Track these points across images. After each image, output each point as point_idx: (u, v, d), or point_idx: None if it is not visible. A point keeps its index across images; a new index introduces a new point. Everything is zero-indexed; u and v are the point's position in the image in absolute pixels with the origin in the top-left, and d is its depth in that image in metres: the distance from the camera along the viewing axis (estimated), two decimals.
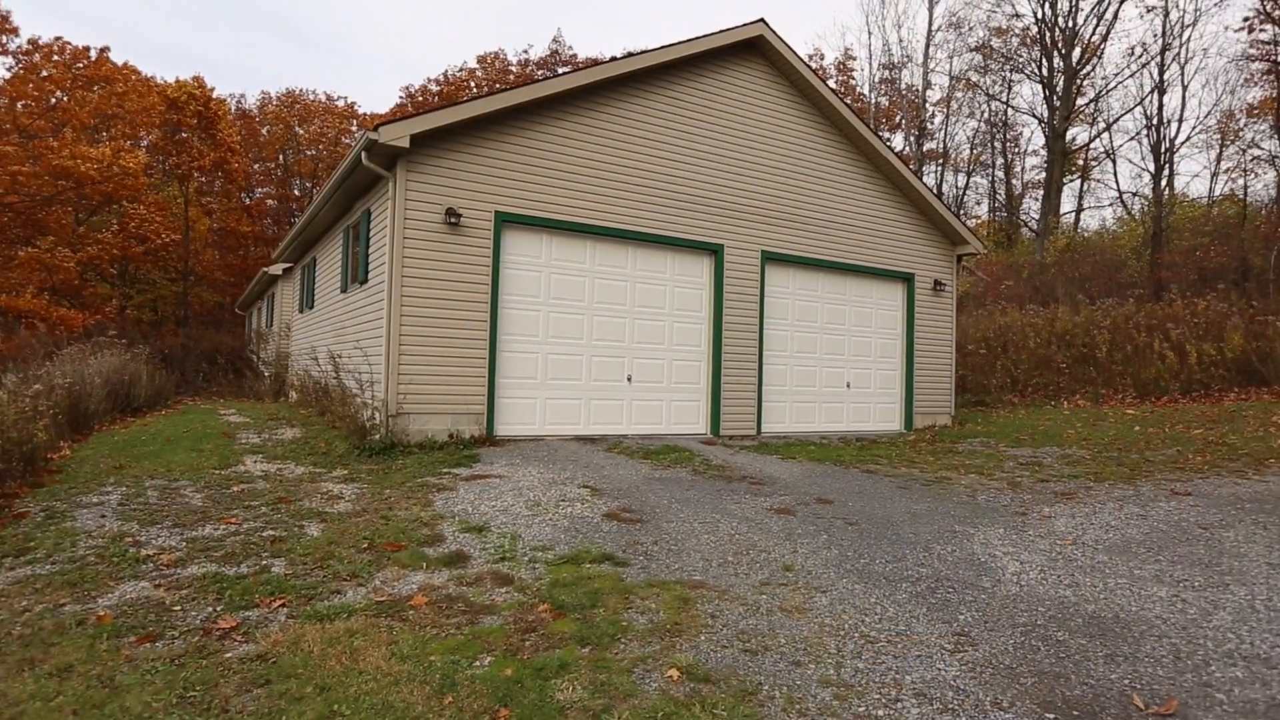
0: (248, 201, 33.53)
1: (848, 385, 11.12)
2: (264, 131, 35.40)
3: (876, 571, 4.22)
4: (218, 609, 3.42)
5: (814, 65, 34.77)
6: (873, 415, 11.39)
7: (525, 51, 37.94)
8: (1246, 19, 22.89)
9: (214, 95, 27.82)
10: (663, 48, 9.34)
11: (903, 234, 11.69)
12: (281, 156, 36.15)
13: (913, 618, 3.54)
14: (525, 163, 8.57)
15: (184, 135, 26.74)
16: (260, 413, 11.69)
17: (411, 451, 7.47)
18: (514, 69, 36.69)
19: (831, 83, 35.41)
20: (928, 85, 31.38)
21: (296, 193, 36.04)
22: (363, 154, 7.73)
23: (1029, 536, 5.00)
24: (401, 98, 36.50)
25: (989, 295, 22.27)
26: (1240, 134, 27.44)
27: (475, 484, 6.11)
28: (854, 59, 35.94)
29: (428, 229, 7.96)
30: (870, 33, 36.97)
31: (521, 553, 4.37)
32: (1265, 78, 24.66)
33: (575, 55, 37.10)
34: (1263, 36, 23.26)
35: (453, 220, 8.03)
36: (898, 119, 33.26)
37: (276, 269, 16.59)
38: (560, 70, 35.88)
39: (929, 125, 32.73)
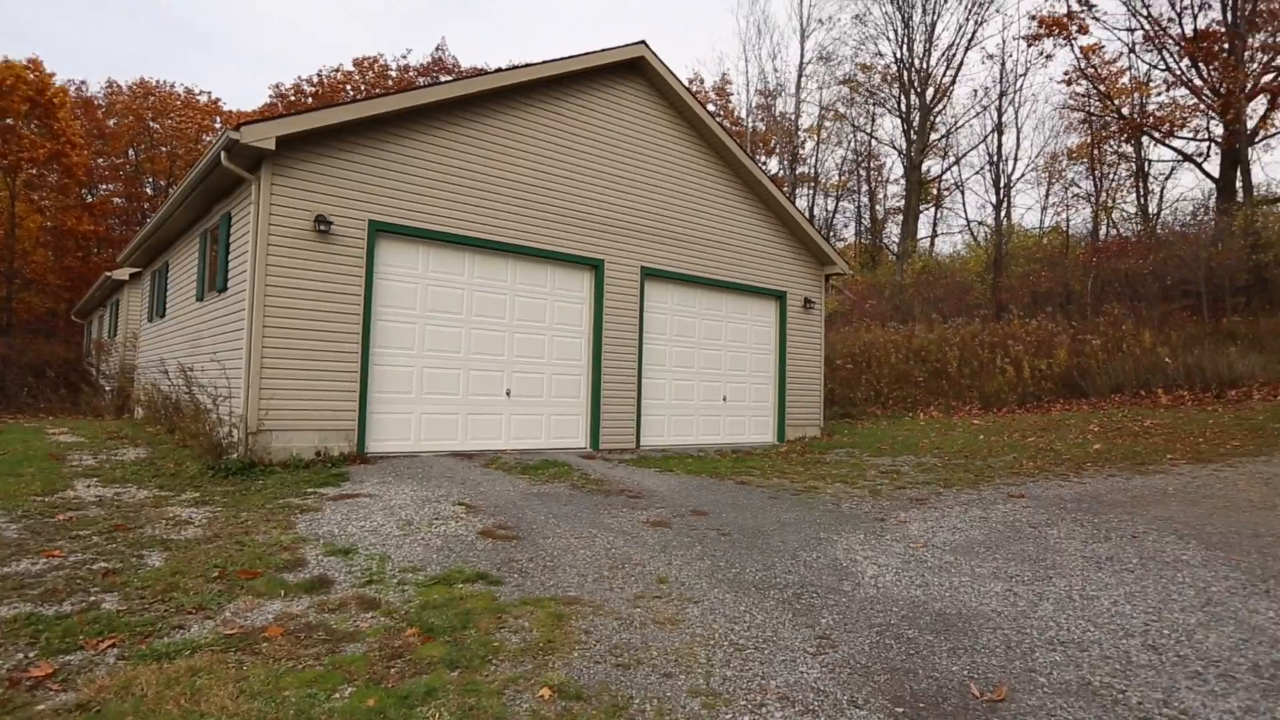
0: (89, 199, 30.55)
1: (724, 399, 11.46)
2: (111, 123, 32.39)
3: (747, 580, 4.36)
4: (30, 655, 3.06)
5: (694, 89, 35.88)
6: (748, 427, 11.79)
7: (405, 56, 36.97)
8: (1066, 74, 25.73)
9: (54, 81, 25.19)
10: (547, 62, 9.35)
11: (776, 254, 12.22)
12: (132, 152, 33.21)
13: (779, 624, 3.68)
14: (404, 172, 8.31)
15: (9, 123, 24.00)
16: (99, 431, 10.63)
17: (274, 471, 7.01)
18: (393, 74, 35.57)
19: (711, 106, 36.65)
20: (800, 114, 33.09)
21: (149, 191, 33.18)
22: (222, 154, 7.24)
23: (886, 541, 5.33)
24: (271, 97, 34.54)
25: (855, 313, 23.64)
26: (1063, 174, 30.70)
27: (343, 504, 5.82)
28: (731, 84, 37.41)
29: (295, 236, 7.54)
30: (747, 61, 38.82)
31: (391, 575, 4.19)
32: (1082, 125, 27.74)
33: (459, 64, 36.49)
34: (1079, 90, 26.19)
35: (323, 228, 7.65)
36: (773, 144, 34.83)
37: (123, 273, 15.19)
38: (443, 78, 35.12)
39: (801, 151, 34.52)
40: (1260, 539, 5.23)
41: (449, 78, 34.87)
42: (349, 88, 34.57)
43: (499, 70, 9.19)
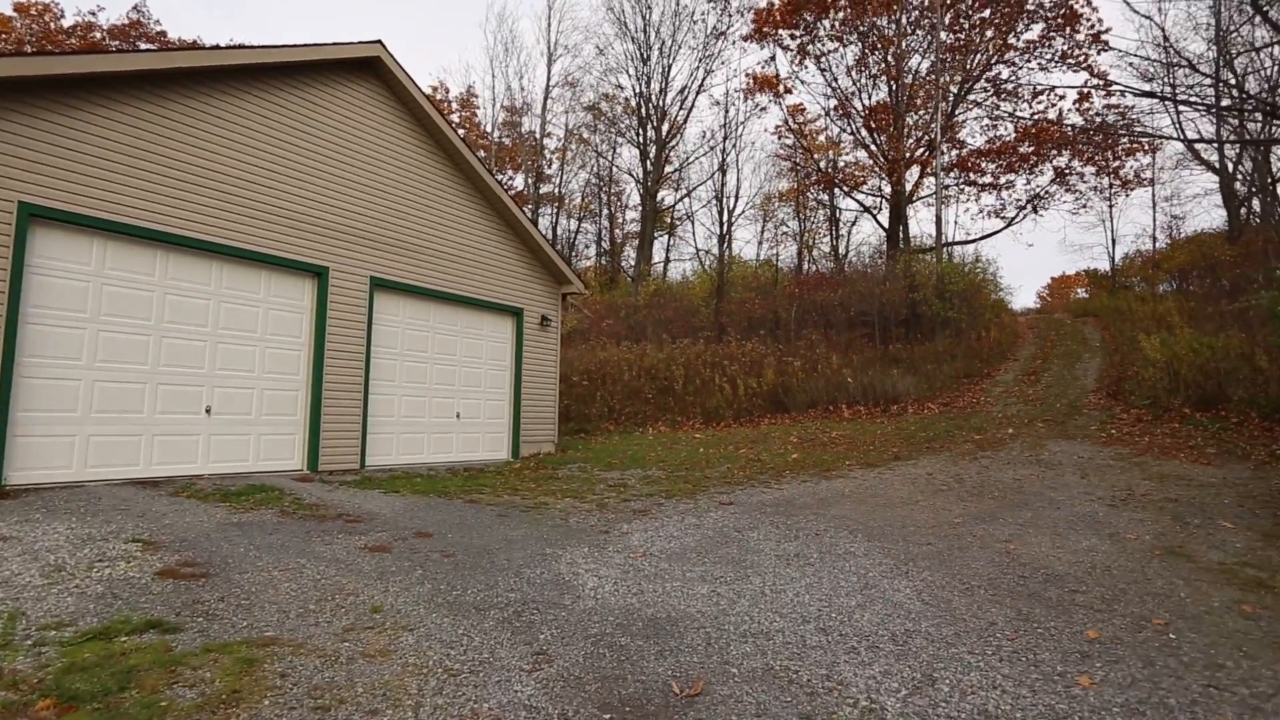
0: None
1: (458, 415, 11.22)
2: None
3: (468, 602, 4.28)
4: None
5: (438, 98, 35.04)
6: (482, 445, 11.66)
7: (94, 14, 31.29)
8: (777, 127, 29.41)
9: None
10: (271, 47, 8.52)
11: (514, 270, 12.29)
12: None
13: (497, 644, 3.66)
14: (77, 150, 7.00)
15: None
16: None
17: None
18: (77, 33, 29.94)
19: (455, 118, 36.02)
20: (546, 134, 33.82)
21: None
22: None
23: (609, 553, 5.57)
24: None
25: (593, 331, 24.59)
26: (775, 213, 34.98)
27: None
28: (478, 98, 37.14)
29: None
30: (494, 76, 38.81)
31: (24, 636, 3.45)
32: (790, 173, 31.88)
33: (165, 34, 31.78)
34: (787, 142, 30.10)
35: None
36: (519, 161, 35.15)
37: None
38: (143, 46, 30.36)
39: (547, 170, 35.27)
40: (906, 529, 6.35)
41: (151, 46, 30.25)
42: (7, 37, 28.41)
43: (215, 48, 8.19)
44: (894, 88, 25.49)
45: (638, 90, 31.35)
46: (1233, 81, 18.20)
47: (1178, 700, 3.18)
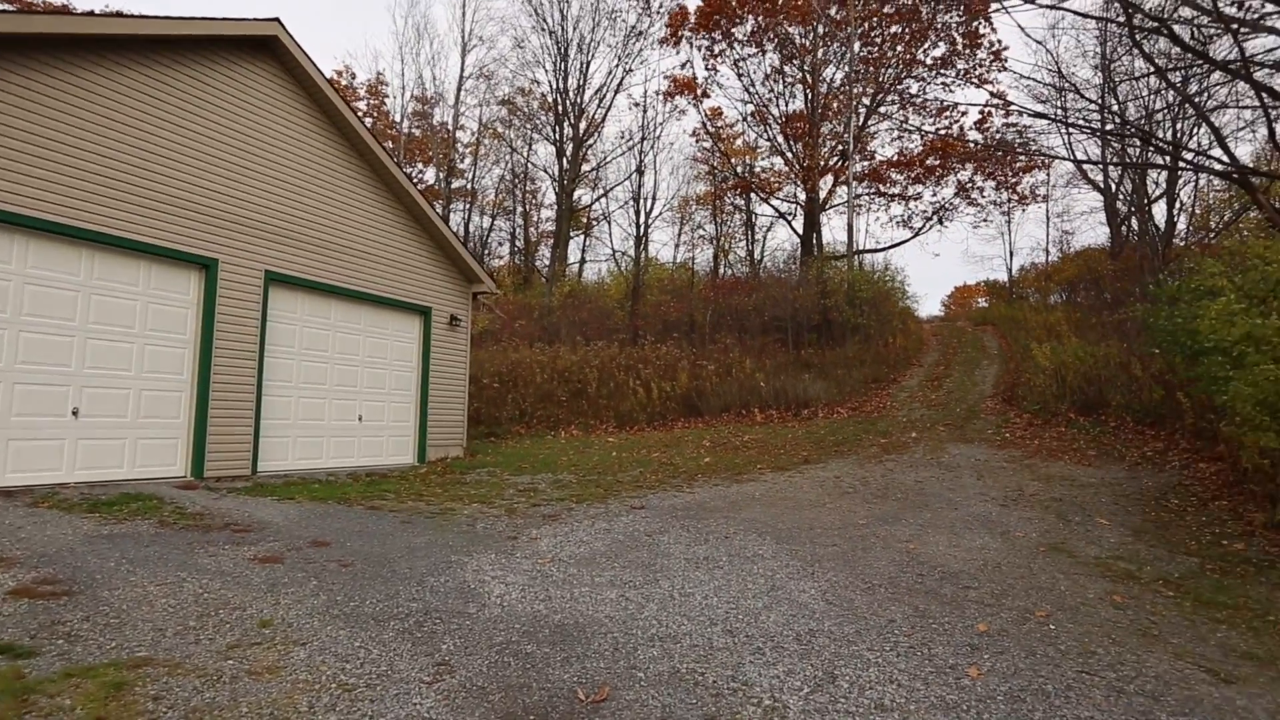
0: None
1: (360, 418, 10.86)
2: None
3: (366, 613, 4.16)
4: None
5: (342, 84, 33.83)
6: (386, 449, 11.32)
7: None
8: (695, 130, 29.88)
9: None
10: (154, 18, 8.03)
11: (422, 267, 12.01)
12: None
13: (396, 656, 3.57)
14: None
15: None
16: None
17: None
18: None
19: (362, 105, 34.88)
20: (459, 126, 33.17)
21: None
22: None
23: (516, 559, 5.52)
24: None
25: (505, 332, 24.28)
26: (692, 216, 35.51)
27: None
28: (387, 85, 36.06)
29: None
30: (404, 63, 37.76)
31: None
32: (707, 176, 32.43)
33: None
34: (705, 145, 30.62)
35: None
36: (430, 154, 34.34)
37: None
38: (2, 6, 27.93)
39: (460, 165, 34.59)
40: (813, 531, 6.56)
41: (9, 7, 27.88)
42: None
43: (88, 14, 7.62)
44: (810, 96, 26.36)
45: (555, 86, 31.21)
46: (1115, 108, 19.75)
47: (1054, 686, 3.43)
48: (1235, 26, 7.12)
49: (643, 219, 31.45)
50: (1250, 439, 6.69)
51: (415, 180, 35.15)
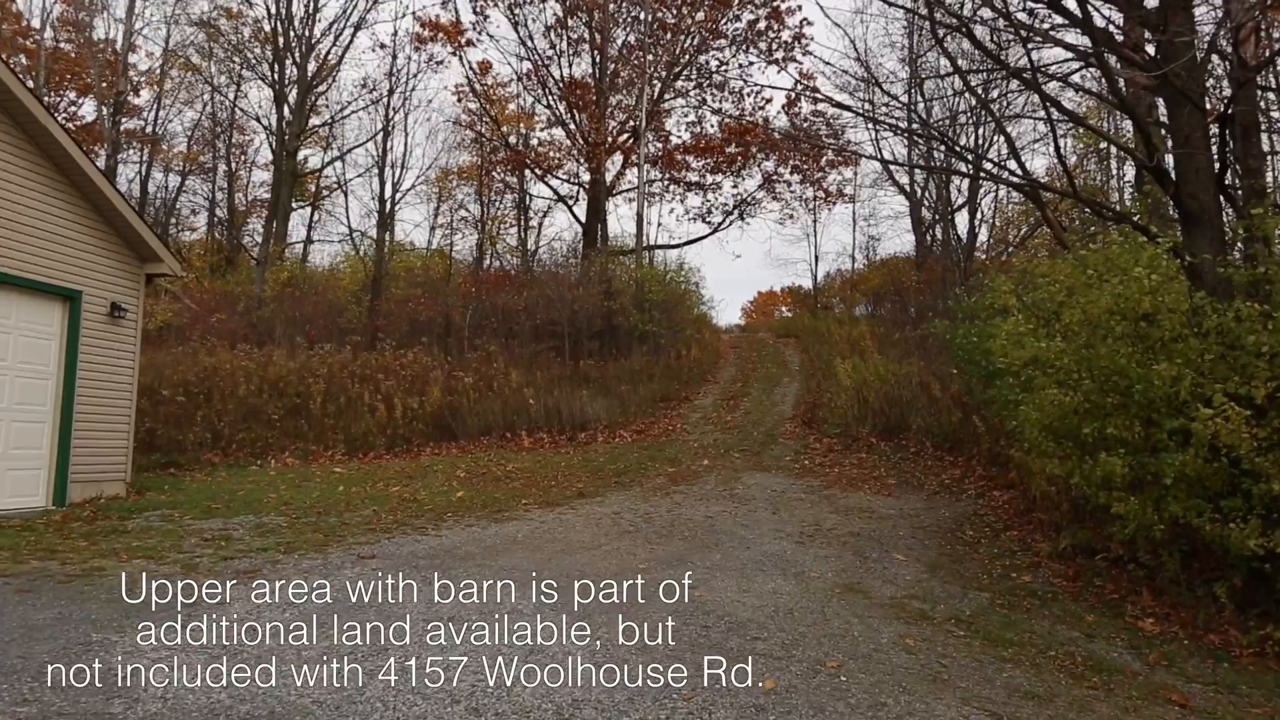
0: None
1: None
2: None
3: None
4: None
5: None
6: (4, 487, 9.82)
7: None
8: (458, 87, 29.51)
9: None
10: None
11: (68, 236, 10.61)
12: None
13: None
14: None
15: None
16: None
17: None
18: None
19: None
20: (132, 48, 29.92)
21: None
22: None
23: (192, 633, 5.00)
24: None
25: (197, 329, 22.25)
26: (454, 193, 34.98)
27: None
28: None
29: None
30: None
31: None
32: (473, 145, 32.12)
33: None
34: (472, 106, 30.32)
35: None
36: (89, 81, 30.67)
37: None
38: None
39: (133, 100, 31.26)
40: (585, 578, 6.62)
41: None
42: None
43: None
44: (597, 59, 27.06)
45: (273, 11, 29.25)
46: (921, 107, 22.41)
47: None
48: (1026, 35, 8.31)
49: (389, 192, 30.34)
50: (1038, 465, 7.80)
51: (65, 114, 31.27)
